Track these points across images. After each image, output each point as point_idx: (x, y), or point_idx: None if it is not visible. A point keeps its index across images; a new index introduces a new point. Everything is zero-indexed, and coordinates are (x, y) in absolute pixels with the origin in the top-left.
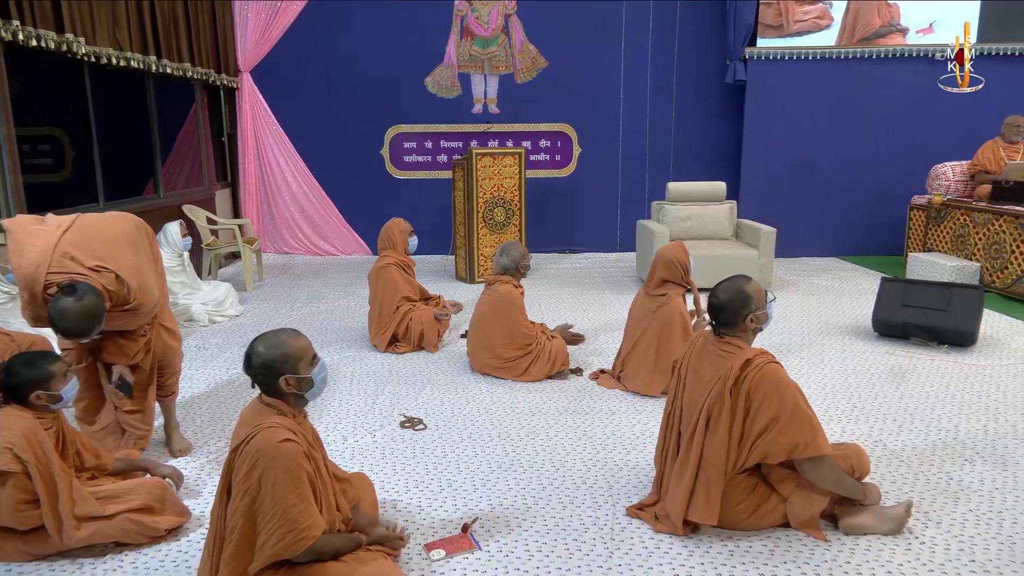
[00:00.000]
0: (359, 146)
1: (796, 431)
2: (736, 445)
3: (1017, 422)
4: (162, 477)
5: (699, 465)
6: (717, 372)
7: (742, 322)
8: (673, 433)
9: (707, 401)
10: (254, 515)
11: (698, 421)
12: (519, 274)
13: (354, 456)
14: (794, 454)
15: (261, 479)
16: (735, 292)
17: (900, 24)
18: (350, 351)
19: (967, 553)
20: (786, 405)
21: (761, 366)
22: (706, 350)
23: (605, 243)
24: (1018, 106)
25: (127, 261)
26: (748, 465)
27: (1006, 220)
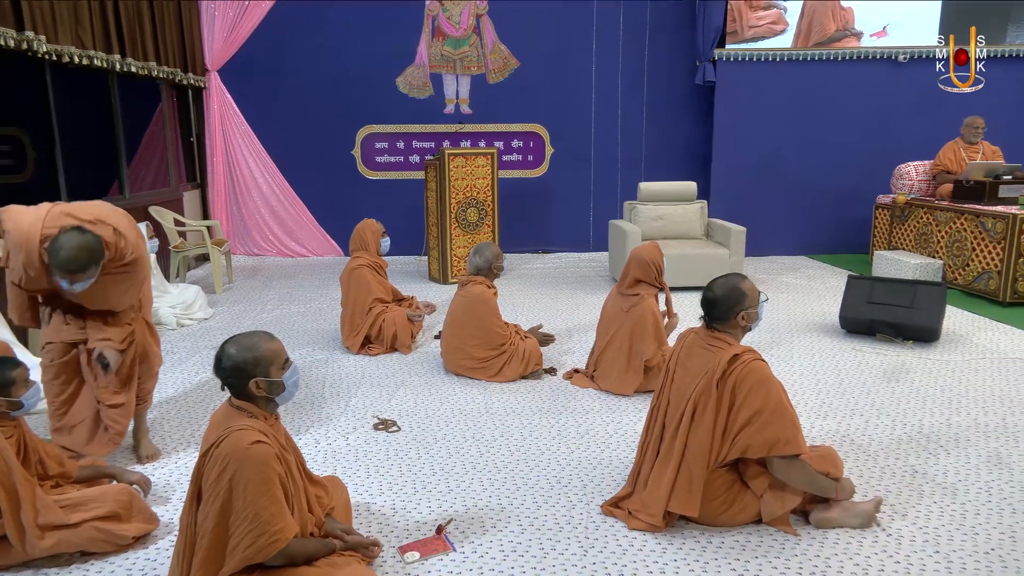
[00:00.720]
0: (330, 146)
1: (777, 427)
2: (720, 437)
3: (979, 416)
4: (129, 484)
5: (683, 456)
6: (705, 366)
7: (733, 319)
8: (657, 426)
9: (694, 393)
10: (225, 519)
11: (684, 412)
12: (492, 275)
13: (327, 459)
14: (773, 450)
15: (232, 482)
16: (730, 288)
17: (854, 28)
18: (322, 353)
19: (932, 544)
20: (769, 401)
21: (748, 362)
22: (695, 345)
23: (578, 243)
24: (977, 107)
25: (123, 222)
26: (729, 459)
27: (967, 218)
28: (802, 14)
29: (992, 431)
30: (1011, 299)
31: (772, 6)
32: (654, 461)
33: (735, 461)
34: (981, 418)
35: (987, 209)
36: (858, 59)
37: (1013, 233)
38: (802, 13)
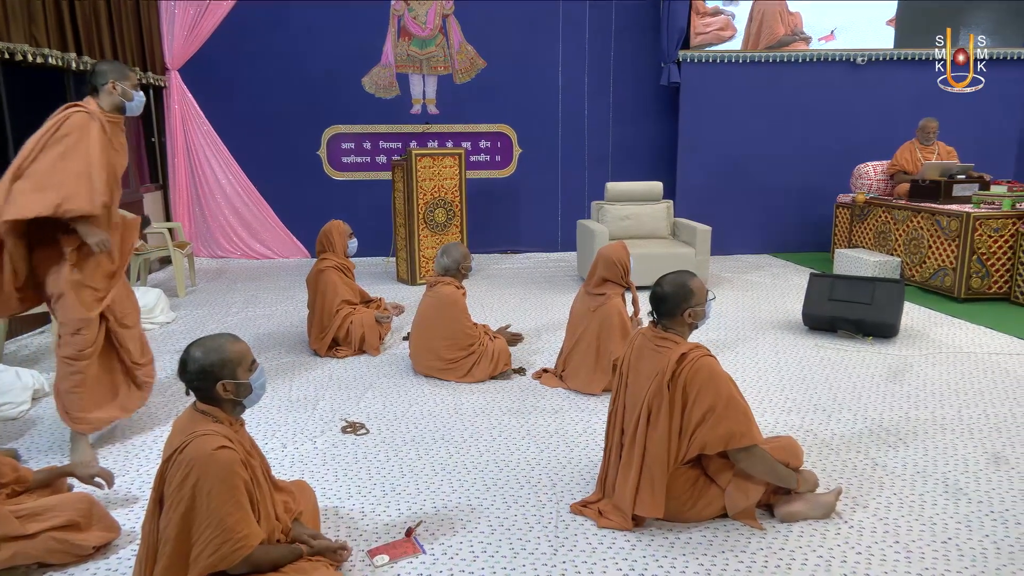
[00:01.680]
0: (295, 147)
1: (731, 421)
2: (676, 438)
3: (936, 409)
4: (90, 478)
5: (643, 460)
6: (655, 368)
7: (680, 315)
8: (616, 431)
9: (647, 397)
10: (188, 526)
11: (639, 416)
12: (460, 275)
13: (294, 464)
14: (730, 444)
15: (195, 488)
16: (679, 285)
17: (803, 32)
18: (289, 356)
19: (892, 535)
20: (720, 396)
21: (696, 359)
22: (644, 347)
23: (546, 243)
24: (931, 108)
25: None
26: (688, 457)
27: (923, 217)
28: (751, 19)
29: (948, 423)
30: (965, 295)
31: (719, 12)
32: (618, 465)
33: (697, 457)
34: (938, 411)
35: (942, 208)
36: (818, 61)
37: (967, 231)
38: (751, 18)
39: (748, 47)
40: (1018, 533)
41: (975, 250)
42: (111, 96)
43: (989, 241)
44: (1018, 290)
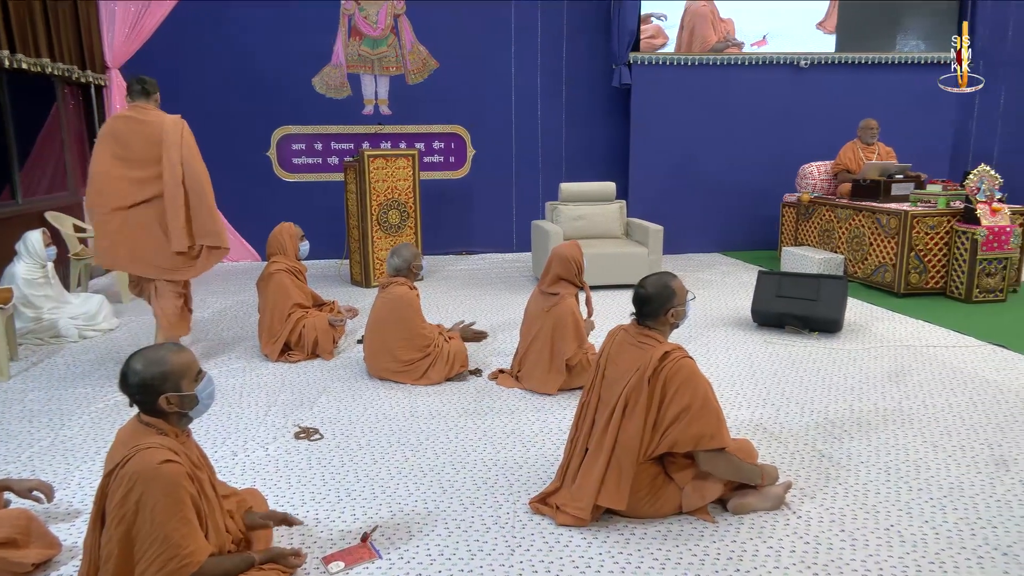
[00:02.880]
0: (244, 148)
1: (704, 423)
2: (650, 432)
3: (878, 400)
4: (27, 492)
5: (613, 450)
6: (636, 362)
7: (663, 316)
8: (586, 422)
9: (625, 389)
10: (131, 543)
11: (615, 408)
12: (412, 275)
13: (245, 472)
14: (700, 444)
15: (139, 504)
16: (662, 286)
17: (735, 39)
18: (239, 362)
19: (838, 524)
20: (697, 397)
21: (678, 359)
22: (625, 342)
23: (501, 244)
24: (872, 109)
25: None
26: (657, 453)
27: (865, 215)
28: (682, 27)
29: (890, 414)
30: (905, 290)
31: (649, 19)
32: (583, 456)
33: (661, 455)
34: (880, 403)
35: (882, 206)
36: (764, 64)
37: (905, 229)
38: (681, 26)
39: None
40: (955, 518)
41: (913, 247)
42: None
43: (926, 238)
44: (953, 285)
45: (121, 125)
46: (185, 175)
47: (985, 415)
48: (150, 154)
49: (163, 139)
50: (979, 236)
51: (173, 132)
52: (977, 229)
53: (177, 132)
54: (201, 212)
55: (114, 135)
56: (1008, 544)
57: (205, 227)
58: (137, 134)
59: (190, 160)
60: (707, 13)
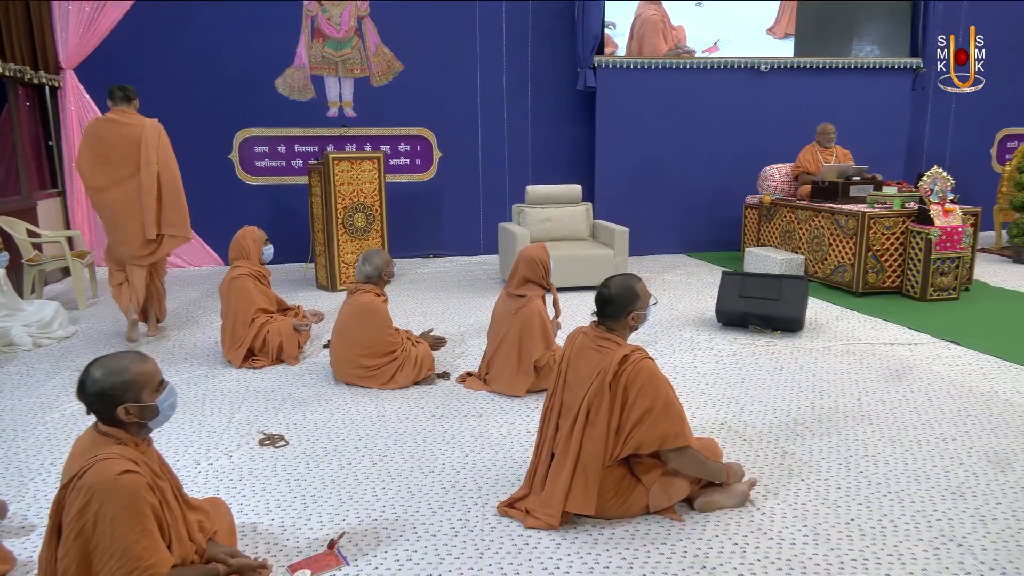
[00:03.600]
0: (205, 151)
1: (667, 423)
2: (613, 436)
3: (839, 397)
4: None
5: (578, 456)
6: (596, 367)
7: (624, 318)
8: (551, 427)
9: (587, 395)
10: (89, 557)
11: (578, 414)
12: (383, 282)
13: (208, 481)
14: (664, 444)
15: (97, 516)
16: (625, 288)
17: (686, 46)
18: (202, 368)
19: (800, 519)
20: (659, 398)
21: (637, 361)
22: (585, 347)
23: (468, 246)
24: (830, 112)
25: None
26: (623, 456)
27: (824, 216)
28: (631, 35)
29: (850, 411)
30: (863, 290)
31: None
32: (550, 462)
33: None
34: (840, 400)
35: (840, 208)
36: (725, 68)
37: (863, 229)
38: (631, 34)
39: None
40: (912, 511)
41: (870, 247)
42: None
43: (883, 238)
44: (909, 284)
45: (104, 127)
46: (161, 173)
47: (940, 410)
48: (130, 154)
49: (143, 140)
50: (933, 236)
51: (152, 134)
52: (931, 229)
53: (155, 134)
54: (171, 206)
55: (97, 136)
56: (963, 535)
57: (172, 219)
58: (119, 135)
59: (166, 160)
60: (657, 21)
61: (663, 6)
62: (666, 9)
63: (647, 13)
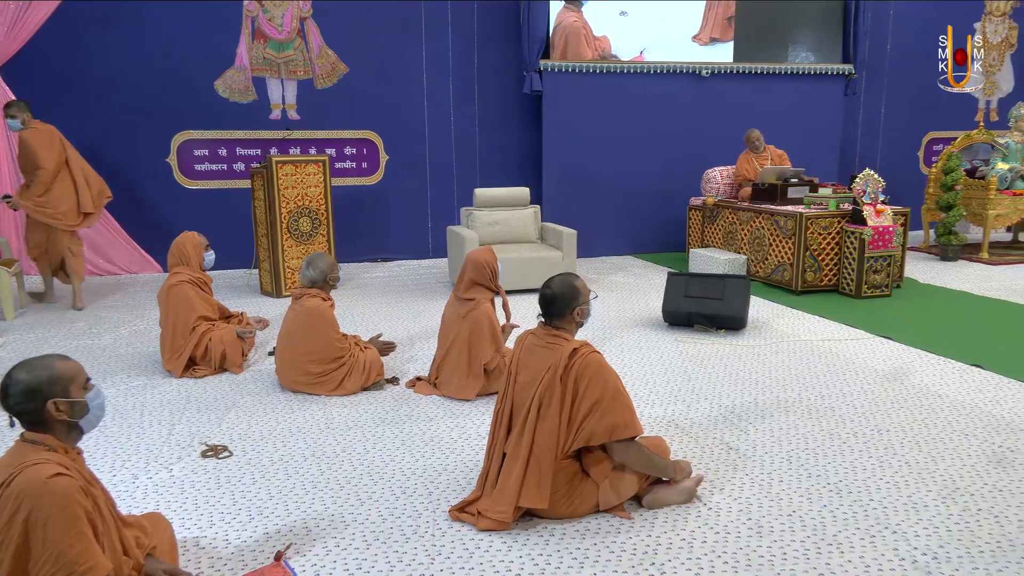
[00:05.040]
0: (141, 154)
1: (616, 413)
2: (565, 428)
3: (780, 393)
4: None
5: (531, 451)
6: (546, 363)
7: (570, 315)
8: (502, 430)
9: (539, 389)
10: (22, 566)
11: (530, 409)
12: (328, 286)
13: (147, 495)
14: (614, 435)
15: (28, 523)
16: (567, 286)
17: (612, 55)
18: (140, 379)
19: (745, 513)
20: (608, 389)
21: (586, 355)
22: (535, 346)
23: (417, 250)
24: (768, 116)
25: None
26: (574, 448)
27: (764, 218)
28: (552, 45)
29: (791, 406)
30: (802, 288)
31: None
32: (501, 463)
33: (577, 453)
34: (782, 395)
35: (779, 209)
36: (667, 72)
37: (801, 230)
38: (552, 44)
39: None
40: (850, 501)
41: (808, 247)
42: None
43: (819, 239)
44: (844, 282)
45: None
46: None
47: (874, 403)
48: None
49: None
50: (866, 236)
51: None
52: (864, 229)
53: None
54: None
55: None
56: (896, 523)
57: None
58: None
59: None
60: (579, 28)
61: (583, 15)
62: (588, 19)
63: (567, 21)
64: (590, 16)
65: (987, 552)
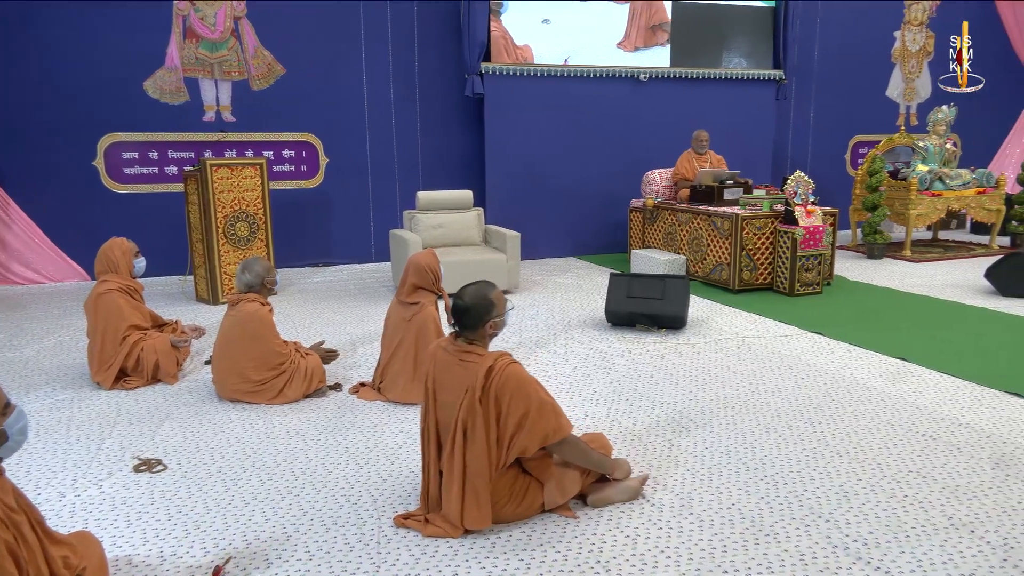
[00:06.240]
0: (65, 157)
1: (544, 421)
2: (495, 448)
3: (719, 389)
4: None
5: (464, 475)
6: (464, 383)
7: (482, 327)
8: (432, 447)
9: (460, 413)
10: None
11: (455, 434)
12: (266, 291)
13: (75, 513)
14: (546, 442)
15: None
16: (480, 297)
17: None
18: (66, 393)
19: (687, 508)
20: (532, 401)
21: (503, 369)
22: (449, 363)
23: (359, 254)
24: (704, 119)
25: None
26: (509, 462)
27: (702, 218)
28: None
29: (729, 402)
30: (739, 287)
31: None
32: (439, 481)
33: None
34: (720, 392)
35: (716, 210)
36: (607, 77)
37: (737, 230)
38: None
39: None
40: (786, 492)
41: (744, 247)
42: None
43: (754, 238)
44: (778, 280)
45: None
46: None
47: (807, 396)
48: None
49: None
50: (798, 235)
51: None
52: (796, 229)
53: None
54: None
55: None
56: (829, 511)
57: None
58: None
59: None
60: (498, 39)
61: (503, 24)
62: (509, 28)
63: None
64: (511, 25)
65: (912, 536)
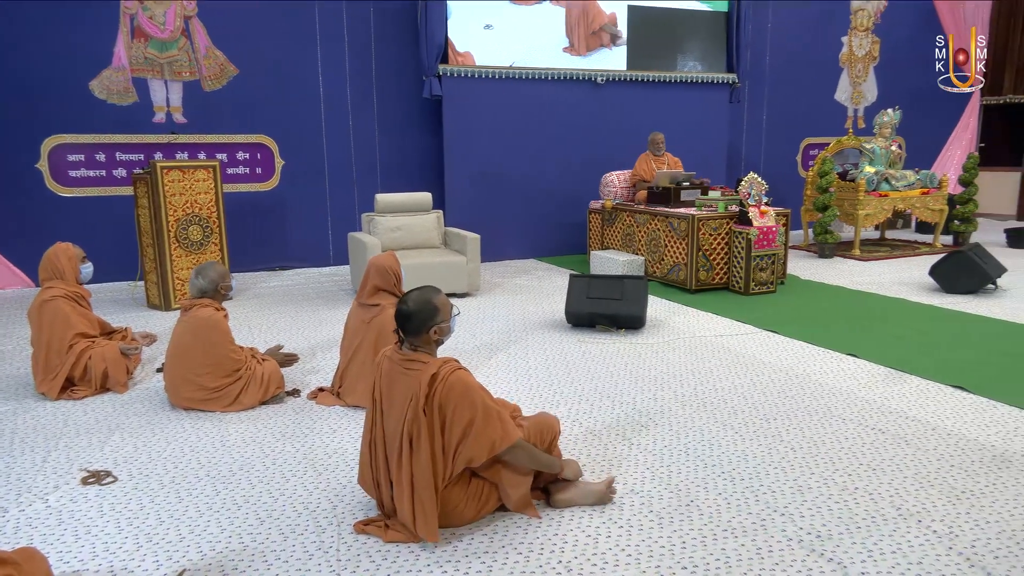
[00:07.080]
0: (7, 160)
1: (491, 429)
2: (441, 458)
3: (678, 388)
4: None
5: (412, 487)
6: (408, 392)
7: (426, 333)
8: (379, 459)
9: (405, 424)
10: None
11: (401, 445)
12: (220, 296)
13: (20, 529)
14: (493, 451)
15: None
16: (424, 303)
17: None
18: (8, 404)
19: (647, 506)
20: (477, 409)
21: (447, 377)
22: (394, 372)
23: (318, 258)
24: (660, 122)
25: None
26: (457, 472)
27: (659, 220)
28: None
29: (688, 400)
30: (696, 287)
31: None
32: (391, 491)
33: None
34: (679, 390)
35: (673, 211)
36: (565, 79)
37: (693, 231)
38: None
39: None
40: (742, 488)
41: (700, 247)
42: None
43: (710, 239)
44: (734, 280)
45: None
46: None
47: (763, 393)
48: None
49: None
50: (752, 236)
51: None
52: (750, 230)
53: None
54: None
55: None
56: (784, 505)
57: None
58: None
59: None
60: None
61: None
62: (450, 34)
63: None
64: (452, 31)
65: (863, 527)
